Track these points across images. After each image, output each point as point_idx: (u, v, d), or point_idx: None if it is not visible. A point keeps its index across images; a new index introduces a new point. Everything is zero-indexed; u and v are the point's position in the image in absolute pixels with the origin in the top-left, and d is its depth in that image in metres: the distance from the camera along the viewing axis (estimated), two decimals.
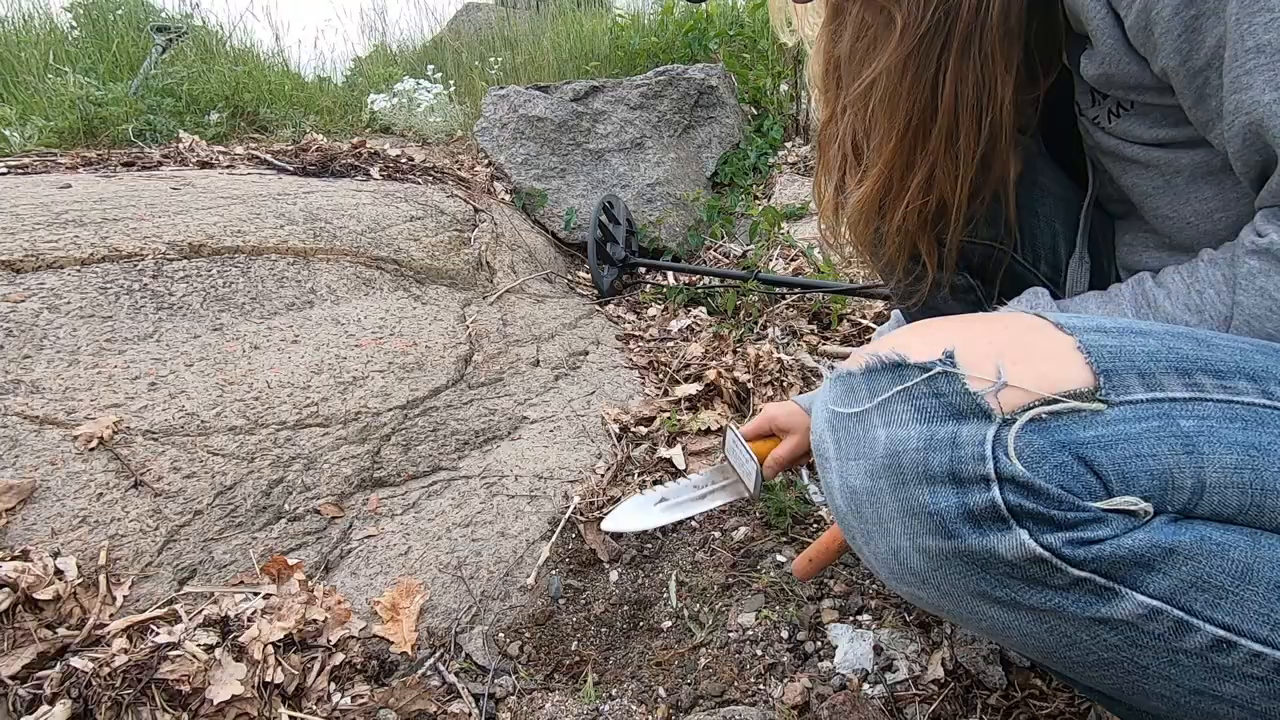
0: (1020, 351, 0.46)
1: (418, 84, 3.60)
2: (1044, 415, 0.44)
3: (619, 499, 1.29)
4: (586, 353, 1.86)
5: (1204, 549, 0.43)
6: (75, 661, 0.84)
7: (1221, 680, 0.45)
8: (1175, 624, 0.44)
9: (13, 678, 0.81)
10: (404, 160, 2.71)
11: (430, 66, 4.04)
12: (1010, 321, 0.50)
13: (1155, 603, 0.43)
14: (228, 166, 2.42)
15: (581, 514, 1.26)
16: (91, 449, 1.09)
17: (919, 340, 0.49)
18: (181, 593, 0.99)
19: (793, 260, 2.33)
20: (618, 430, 1.51)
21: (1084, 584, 0.43)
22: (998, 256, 0.85)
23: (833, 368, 0.56)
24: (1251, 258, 0.54)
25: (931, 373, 0.47)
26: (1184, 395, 0.45)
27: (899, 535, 0.48)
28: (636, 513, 1.10)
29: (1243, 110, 0.51)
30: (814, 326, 1.97)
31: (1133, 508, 0.43)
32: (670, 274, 2.48)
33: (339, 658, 0.95)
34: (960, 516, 0.44)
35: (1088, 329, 0.48)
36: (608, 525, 1.11)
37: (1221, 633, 0.44)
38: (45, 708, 0.79)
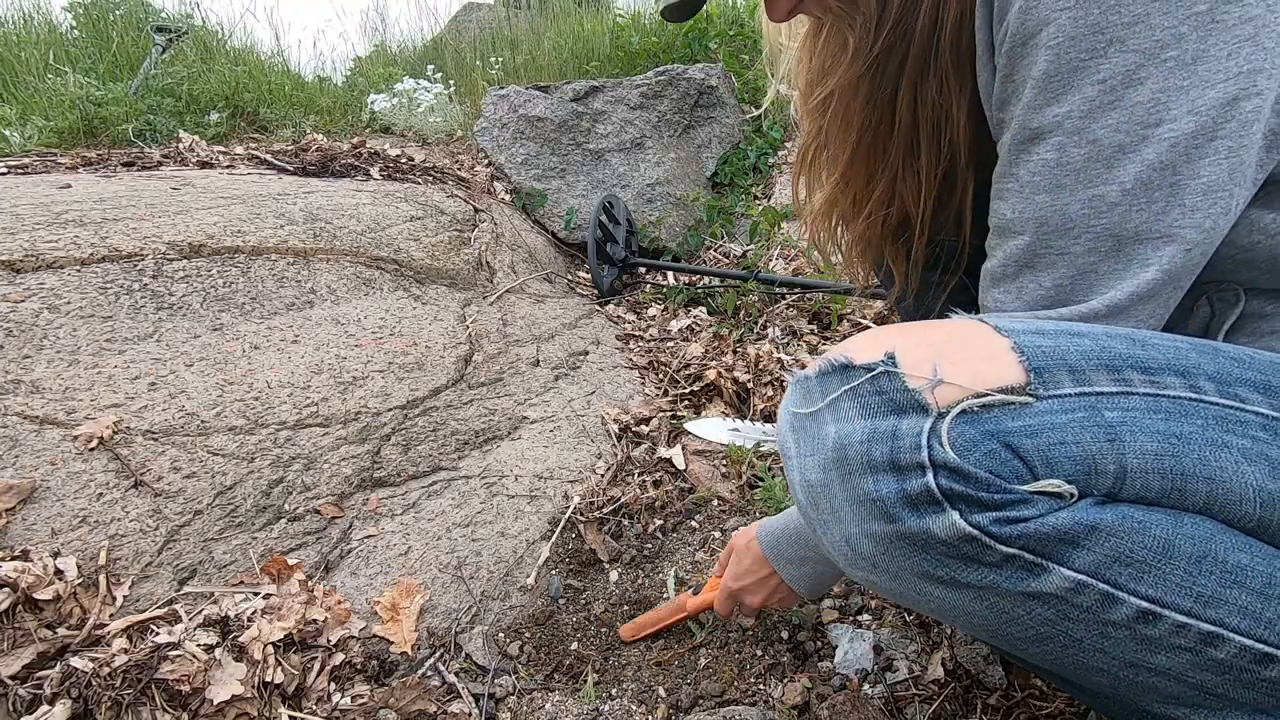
0: (958, 352, 0.50)
1: (418, 84, 3.60)
2: (975, 408, 0.47)
3: (619, 499, 1.29)
4: (586, 353, 1.86)
5: (1126, 526, 0.46)
6: (75, 661, 0.84)
7: (1152, 652, 0.48)
8: (1102, 596, 0.47)
9: (13, 678, 0.81)
10: (404, 160, 2.71)
11: (430, 66, 4.04)
12: (952, 326, 0.54)
13: (1081, 577, 0.46)
14: (228, 166, 2.42)
15: (581, 514, 1.26)
16: (91, 449, 1.09)
17: (864, 344, 0.53)
18: (181, 593, 0.99)
19: (793, 260, 2.33)
20: (618, 430, 1.51)
21: (1014, 560, 0.47)
22: (959, 250, 0.88)
23: (793, 374, 0.60)
24: None
25: (874, 372, 0.50)
26: (1111, 389, 0.48)
27: (849, 522, 0.51)
28: (713, 428, 1.52)
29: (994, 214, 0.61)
30: (814, 326, 1.97)
31: (1057, 489, 0.46)
32: (670, 274, 2.48)
33: (339, 658, 0.95)
34: (900, 501, 0.48)
35: (1026, 331, 0.51)
36: (690, 426, 1.53)
37: (1146, 604, 0.46)
38: (45, 708, 0.79)
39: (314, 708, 0.89)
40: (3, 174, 2.11)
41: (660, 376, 1.78)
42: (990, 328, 0.52)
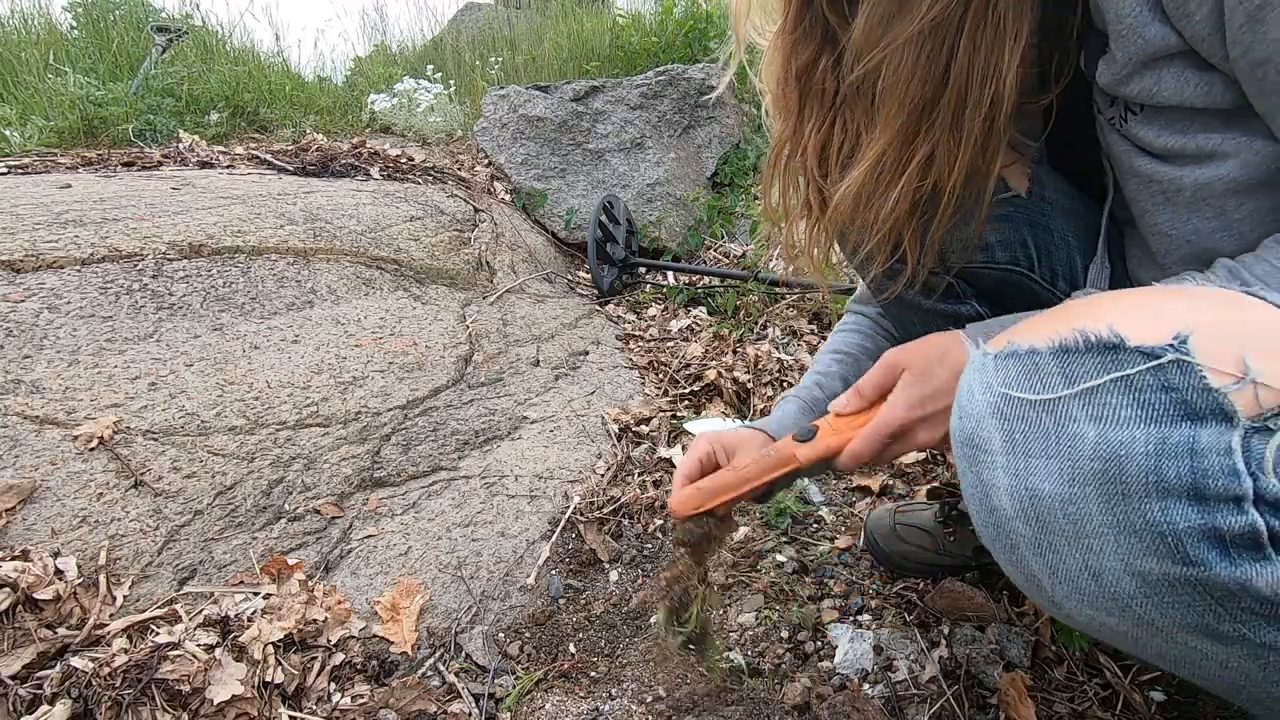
0: (1264, 341, 0.40)
1: (418, 84, 3.60)
2: None
3: (619, 499, 1.29)
4: (586, 353, 1.86)
5: None
6: (75, 661, 0.84)
7: None
8: None
9: (13, 678, 0.81)
10: (404, 160, 2.71)
11: (430, 66, 4.04)
12: (1244, 303, 0.43)
13: None
14: (228, 166, 2.42)
15: (582, 514, 1.26)
16: (91, 449, 1.09)
17: (1138, 319, 0.41)
18: (181, 593, 0.99)
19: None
20: (618, 430, 1.51)
21: None
22: (1014, 281, 0.81)
23: (979, 342, 0.49)
24: None
25: (1160, 361, 0.39)
26: None
27: (1106, 554, 0.41)
28: (713, 428, 1.42)
29: None
30: (814, 326, 1.97)
31: None
32: (670, 274, 2.48)
33: (339, 658, 0.95)
34: (1204, 540, 0.38)
35: None
36: (690, 426, 1.51)
37: None
38: (45, 708, 0.79)
39: (314, 708, 0.89)
40: (3, 174, 2.11)
41: (660, 376, 1.78)
42: (1274, 305, 0.42)
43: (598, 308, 2.22)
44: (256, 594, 0.99)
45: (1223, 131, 0.57)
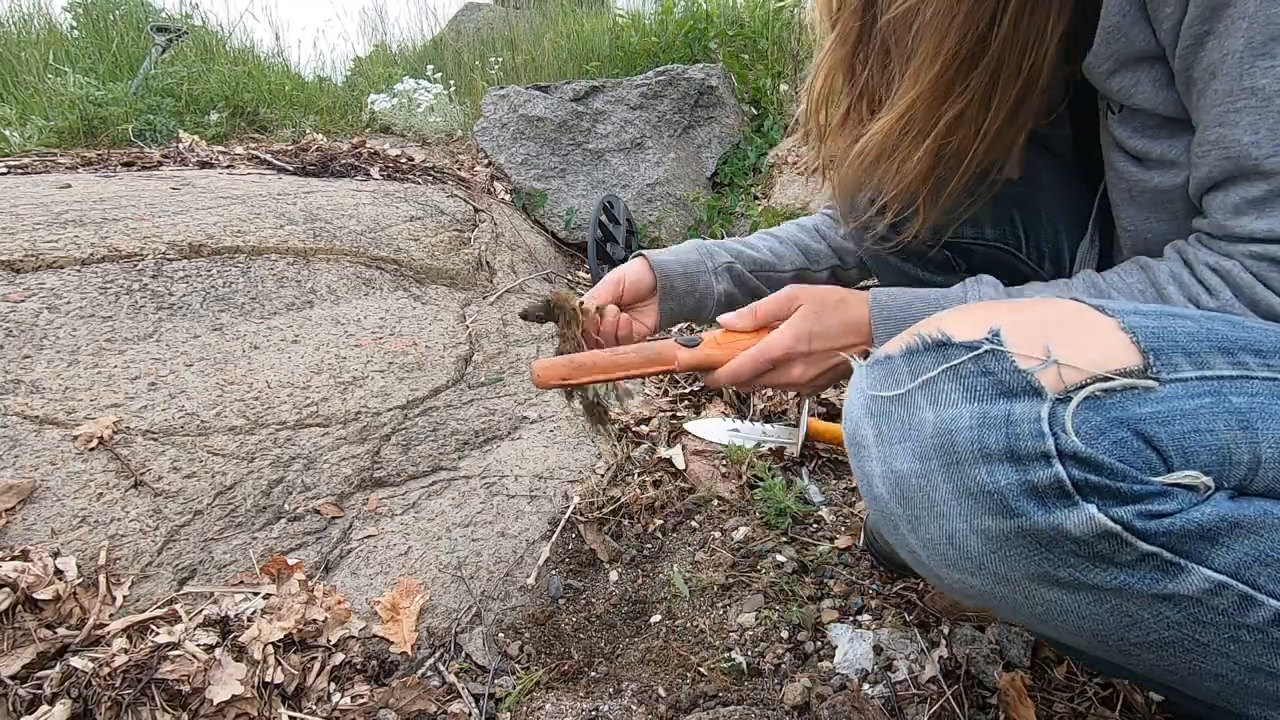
0: (1066, 332, 0.47)
1: (418, 84, 3.60)
2: (1098, 393, 0.44)
3: (619, 499, 1.29)
4: None
5: (1268, 523, 0.43)
6: (75, 661, 0.84)
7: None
8: (1239, 599, 0.44)
9: (13, 678, 0.81)
10: (404, 160, 2.71)
11: (430, 66, 4.05)
12: (1051, 304, 0.51)
13: (1221, 577, 0.43)
14: (227, 166, 2.42)
15: (581, 514, 1.26)
16: (91, 449, 1.09)
17: (961, 321, 0.49)
18: (181, 593, 0.99)
19: None
20: (617, 430, 1.51)
21: (1151, 559, 0.43)
22: (1002, 259, 0.84)
23: (856, 359, 0.56)
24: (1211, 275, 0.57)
25: (979, 351, 0.46)
26: (1231, 373, 0.46)
27: (954, 518, 0.47)
28: (713, 428, 1.50)
29: (1221, 145, 0.54)
30: None
31: (1193, 482, 0.43)
32: None
33: (339, 658, 0.95)
34: (1023, 494, 0.44)
35: (1127, 311, 0.48)
36: (690, 426, 1.51)
37: None
38: (45, 708, 0.79)
39: (314, 708, 0.89)
40: (3, 174, 2.11)
41: (660, 376, 1.78)
42: (1090, 307, 0.49)
43: None
44: (256, 594, 0.99)
45: (1187, 140, 0.59)
